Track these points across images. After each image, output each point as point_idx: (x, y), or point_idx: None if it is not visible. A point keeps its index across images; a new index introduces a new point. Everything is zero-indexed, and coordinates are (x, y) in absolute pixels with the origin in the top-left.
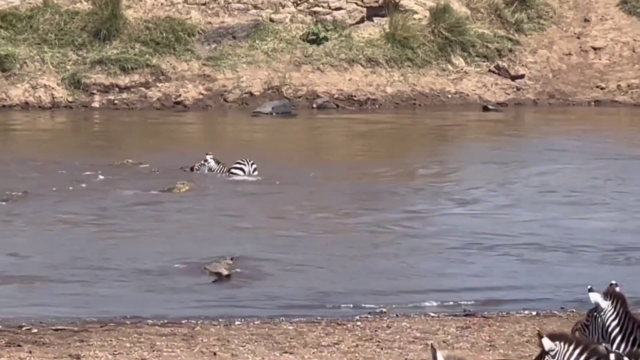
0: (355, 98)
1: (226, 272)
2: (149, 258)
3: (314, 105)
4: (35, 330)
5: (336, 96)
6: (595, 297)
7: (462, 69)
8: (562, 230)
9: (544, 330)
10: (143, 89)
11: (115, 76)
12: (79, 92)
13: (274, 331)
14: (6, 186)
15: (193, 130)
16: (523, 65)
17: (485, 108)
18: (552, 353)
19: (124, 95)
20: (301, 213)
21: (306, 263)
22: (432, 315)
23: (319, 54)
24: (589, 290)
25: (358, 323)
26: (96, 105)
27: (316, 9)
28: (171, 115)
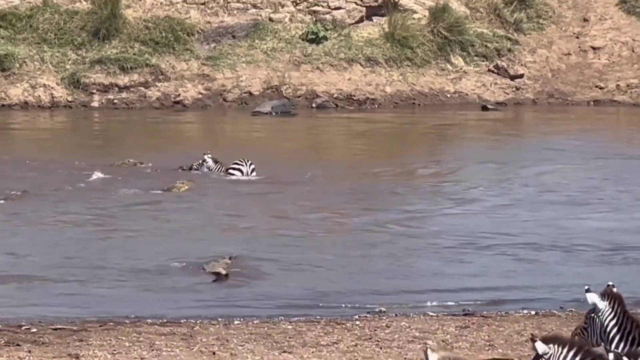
0: (354, 97)
1: (224, 272)
2: (148, 257)
3: (314, 104)
4: (34, 329)
5: (335, 96)
6: (592, 298)
7: (461, 69)
8: (561, 230)
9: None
10: (142, 89)
11: (114, 76)
12: (79, 92)
13: (273, 330)
14: (5, 186)
15: (192, 129)
16: (522, 64)
17: (484, 107)
18: (547, 356)
19: (124, 94)
20: (300, 213)
21: (305, 262)
22: (431, 314)
23: (319, 54)
24: (586, 290)
25: (357, 322)
26: (95, 104)
27: (315, 9)
28: (170, 114)
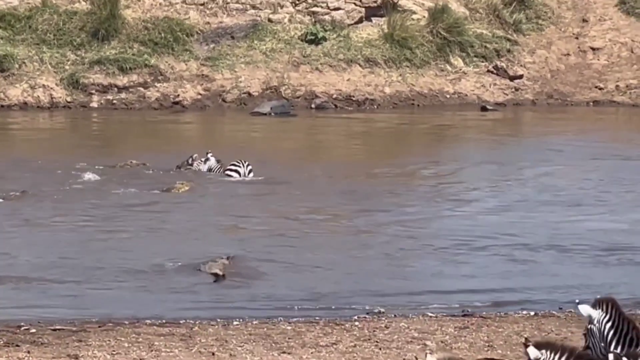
0: (353, 98)
1: (221, 273)
2: (147, 258)
3: (313, 105)
4: (33, 330)
5: (335, 96)
6: (585, 310)
7: (461, 69)
8: (559, 230)
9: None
10: (141, 89)
11: (113, 76)
12: (78, 92)
13: (272, 331)
14: (4, 186)
15: (191, 130)
16: (521, 65)
17: (483, 108)
18: None
19: (123, 95)
20: (299, 213)
21: (304, 263)
22: (430, 315)
23: (318, 54)
24: (578, 303)
25: (356, 323)
26: (94, 105)
27: (315, 9)
28: (169, 115)
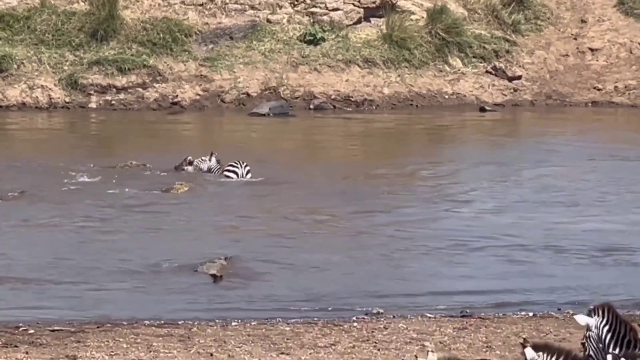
0: (352, 99)
1: (218, 273)
2: (146, 259)
3: (311, 106)
4: (32, 331)
5: (333, 97)
6: (583, 319)
7: (459, 70)
8: (558, 231)
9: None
10: (140, 90)
11: (112, 77)
12: (76, 93)
13: (271, 332)
14: (3, 186)
15: (190, 131)
16: (520, 66)
17: (482, 109)
18: None
19: (121, 95)
20: (298, 214)
21: (302, 264)
22: (429, 316)
23: (316, 55)
24: (573, 315)
25: (355, 324)
26: (93, 105)
27: (313, 10)
28: (168, 115)
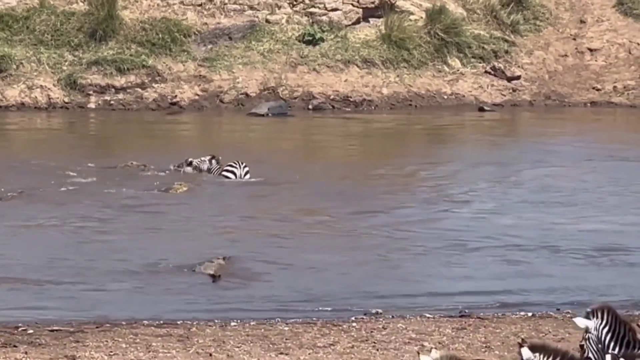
0: (351, 99)
1: (217, 273)
2: (144, 259)
3: (310, 106)
4: (31, 331)
5: (332, 97)
6: (582, 322)
7: (458, 70)
8: (557, 232)
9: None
10: (139, 90)
11: (111, 77)
12: (75, 93)
13: (270, 332)
14: (2, 187)
15: (189, 131)
16: (519, 66)
17: (481, 109)
18: None
19: (120, 96)
20: (296, 214)
21: (301, 264)
22: (428, 316)
23: (315, 55)
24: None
25: (354, 324)
26: (92, 106)
27: (312, 10)
28: (167, 116)
